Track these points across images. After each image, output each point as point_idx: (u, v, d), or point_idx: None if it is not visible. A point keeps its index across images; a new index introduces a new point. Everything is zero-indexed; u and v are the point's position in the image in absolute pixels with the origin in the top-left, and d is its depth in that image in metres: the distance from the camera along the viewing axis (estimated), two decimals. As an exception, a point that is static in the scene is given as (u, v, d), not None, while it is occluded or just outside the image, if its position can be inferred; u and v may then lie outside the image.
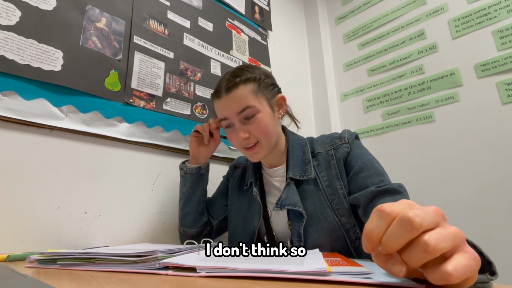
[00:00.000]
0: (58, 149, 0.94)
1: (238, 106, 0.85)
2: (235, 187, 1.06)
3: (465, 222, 1.43)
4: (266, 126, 0.86)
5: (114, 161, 1.06)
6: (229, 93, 0.85)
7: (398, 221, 0.30)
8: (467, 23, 1.58)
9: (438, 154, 1.58)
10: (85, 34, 1.03)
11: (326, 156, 0.90)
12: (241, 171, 1.09)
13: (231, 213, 1.04)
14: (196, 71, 1.37)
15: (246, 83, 0.85)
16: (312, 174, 0.88)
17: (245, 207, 0.99)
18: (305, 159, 0.91)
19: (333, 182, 0.85)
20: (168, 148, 1.21)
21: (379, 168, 0.82)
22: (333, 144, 0.90)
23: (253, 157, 0.90)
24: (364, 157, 0.85)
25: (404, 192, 0.74)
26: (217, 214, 1.09)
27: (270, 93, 0.90)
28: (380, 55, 1.92)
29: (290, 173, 0.88)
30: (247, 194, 1.00)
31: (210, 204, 1.11)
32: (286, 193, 0.86)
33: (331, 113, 2.01)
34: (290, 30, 2.14)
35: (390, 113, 1.81)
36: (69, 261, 0.56)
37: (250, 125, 0.86)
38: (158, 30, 1.26)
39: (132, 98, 1.11)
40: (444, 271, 0.28)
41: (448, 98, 1.59)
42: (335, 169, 0.86)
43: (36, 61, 0.91)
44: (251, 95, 0.85)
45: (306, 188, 0.88)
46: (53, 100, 0.93)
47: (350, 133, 0.91)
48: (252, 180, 0.98)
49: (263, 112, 0.86)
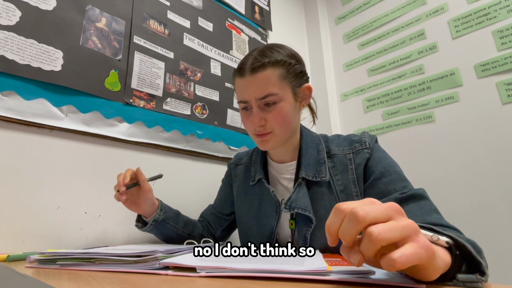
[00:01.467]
0: (58, 149, 0.94)
1: (261, 91, 0.77)
2: (241, 185, 1.00)
3: (465, 221, 1.42)
4: (285, 116, 0.79)
5: (114, 161, 1.06)
6: (254, 74, 0.77)
7: (347, 216, 0.33)
8: (467, 23, 1.58)
9: (438, 154, 1.58)
10: (85, 34, 1.03)
11: (344, 159, 0.83)
12: (244, 167, 1.02)
13: (241, 213, 0.98)
14: (196, 71, 1.37)
15: (274, 66, 0.77)
16: (326, 177, 0.82)
17: (256, 205, 0.92)
18: (320, 159, 0.85)
19: (348, 187, 0.80)
20: (168, 148, 1.21)
21: (401, 173, 0.77)
22: (352, 148, 0.84)
23: (263, 145, 0.84)
24: (384, 161, 0.80)
25: (428, 197, 0.69)
26: (218, 224, 1.05)
27: (298, 81, 0.82)
28: (380, 55, 1.91)
29: (303, 173, 0.82)
30: (256, 190, 0.93)
31: (210, 216, 1.06)
32: (297, 194, 0.80)
33: (331, 113, 2.01)
34: (290, 30, 2.14)
35: (390, 113, 1.81)
36: (69, 261, 0.56)
37: (269, 112, 0.79)
38: (158, 30, 1.26)
39: (132, 98, 1.11)
40: (390, 258, 0.30)
41: (448, 98, 1.59)
42: (353, 174, 0.80)
43: (36, 61, 0.91)
44: (277, 81, 0.77)
45: (318, 190, 0.82)
46: (53, 100, 0.93)
47: (370, 137, 0.85)
48: (261, 176, 0.91)
49: (286, 101, 0.79)
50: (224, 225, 1.05)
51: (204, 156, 1.33)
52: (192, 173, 1.28)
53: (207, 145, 1.35)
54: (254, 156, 1.01)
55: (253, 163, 0.98)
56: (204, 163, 1.34)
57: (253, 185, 0.94)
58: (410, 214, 0.63)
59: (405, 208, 0.65)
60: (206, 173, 1.34)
